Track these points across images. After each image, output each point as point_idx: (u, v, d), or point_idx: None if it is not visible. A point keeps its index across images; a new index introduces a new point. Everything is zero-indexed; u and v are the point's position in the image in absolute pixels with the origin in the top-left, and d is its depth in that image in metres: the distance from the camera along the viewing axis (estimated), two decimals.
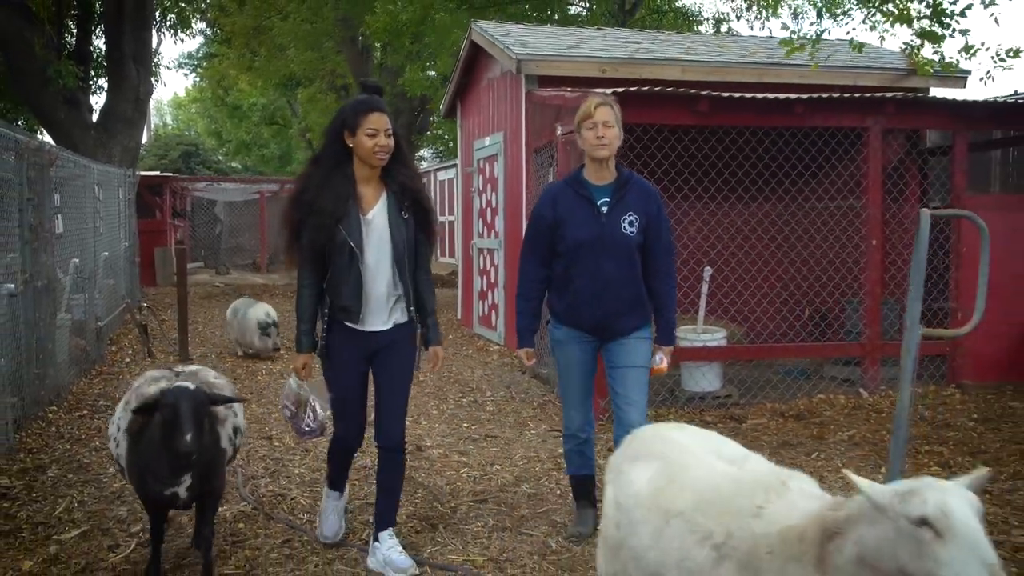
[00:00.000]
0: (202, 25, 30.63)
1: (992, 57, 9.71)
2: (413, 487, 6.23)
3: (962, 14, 9.05)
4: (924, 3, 9.24)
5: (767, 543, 2.77)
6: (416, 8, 19.39)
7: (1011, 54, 9.58)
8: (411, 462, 6.59)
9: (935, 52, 9.81)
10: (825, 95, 8.59)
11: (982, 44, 9.54)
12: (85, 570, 4.84)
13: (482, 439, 7.65)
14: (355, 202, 4.79)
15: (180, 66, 42.09)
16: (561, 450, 6.07)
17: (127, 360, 11.30)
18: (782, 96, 8.47)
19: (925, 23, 9.47)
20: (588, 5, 23.57)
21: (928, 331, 4.60)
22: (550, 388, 9.27)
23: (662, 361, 5.28)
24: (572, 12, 24.21)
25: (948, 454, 6.98)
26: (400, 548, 4.95)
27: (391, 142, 4.77)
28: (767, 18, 24.56)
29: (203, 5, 27.65)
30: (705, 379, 8.82)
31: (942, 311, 9.26)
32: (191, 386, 4.27)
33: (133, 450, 4.44)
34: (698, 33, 17.21)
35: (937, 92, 11.91)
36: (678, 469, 3.28)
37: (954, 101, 9.11)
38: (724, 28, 25.14)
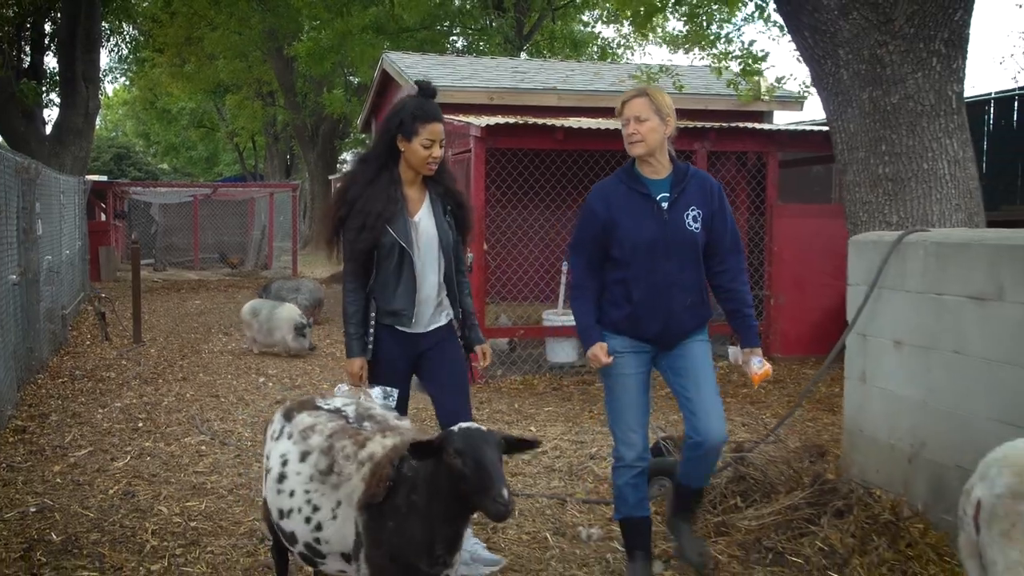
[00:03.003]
0: (135, 32, 31.86)
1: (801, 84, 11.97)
2: None
3: (764, 58, 11.32)
4: (742, 48, 11.57)
5: None
6: (335, 34, 21.32)
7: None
8: None
9: (749, 88, 12.02)
10: None
11: (791, 75, 11.84)
12: (99, 471, 6.79)
13: None
14: (403, 204, 4.69)
15: (110, 70, 43.26)
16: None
17: (87, 342, 13.08)
18: (607, 128, 10.53)
19: (742, 63, 11.73)
20: (490, 29, 25.62)
21: None
22: None
23: (763, 365, 4.71)
24: (471, 40, 26.40)
25: (736, 403, 9.13)
26: (483, 544, 5.08)
27: (443, 152, 4.69)
28: (642, 46, 26.54)
29: (137, 19, 28.95)
30: (564, 352, 10.90)
31: (757, 298, 11.50)
32: (484, 427, 3.35)
33: (380, 521, 3.43)
34: (586, 60, 19.25)
35: (779, 116, 14.16)
36: None
37: (761, 128, 11.34)
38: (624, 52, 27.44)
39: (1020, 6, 52.11)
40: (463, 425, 3.33)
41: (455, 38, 27.41)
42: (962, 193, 7.16)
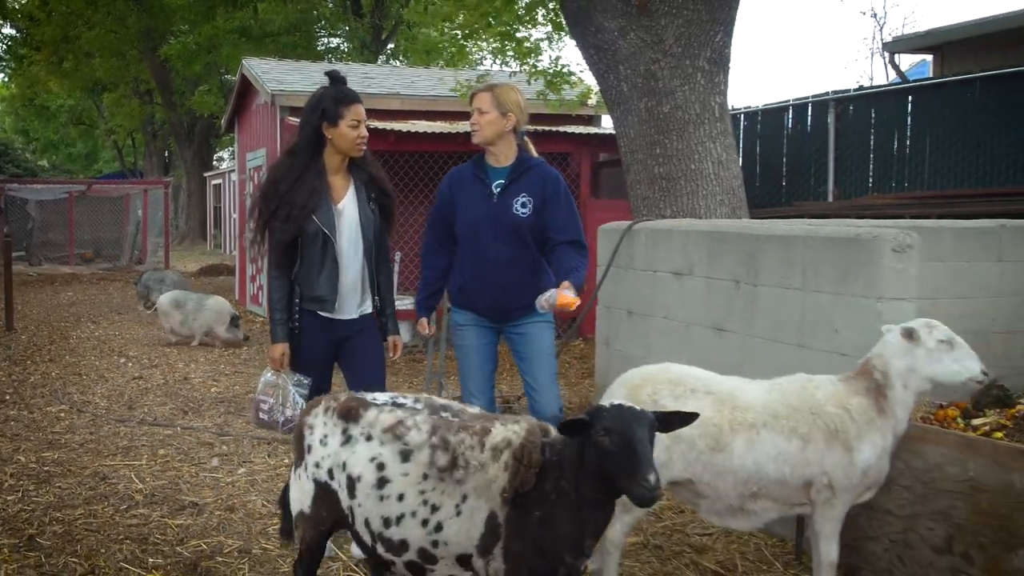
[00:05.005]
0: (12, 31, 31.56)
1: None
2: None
3: (571, 74, 12.37)
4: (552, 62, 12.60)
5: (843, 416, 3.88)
6: (204, 37, 21.75)
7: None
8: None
9: (557, 100, 12.92)
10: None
11: (595, 90, 12.77)
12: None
13: None
14: (327, 192, 4.68)
15: None
16: None
17: None
18: (447, 131, 11.37)
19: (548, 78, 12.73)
20: (349, 36, 26.25)
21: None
22: None
23: (567, 295, 4.70)
24: (333, 44, 27.06)
25: None
26: None
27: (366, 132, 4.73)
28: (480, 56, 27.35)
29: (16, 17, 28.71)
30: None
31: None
32: (637, 406, 3.08)
33: (526, 511, 3.20)
34: (434, 67, 19.99)
35: (607, 119, 15.14)
36: (729, 396, 4.04)
37: (574, 132, 12.29)
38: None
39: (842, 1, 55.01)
40: (615, 402, 3.10)
41: (325, 41, 28.07)
42: (725, 190, 8.14)
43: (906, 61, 20.31)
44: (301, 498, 3.72)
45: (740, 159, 13.01)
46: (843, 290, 4.58)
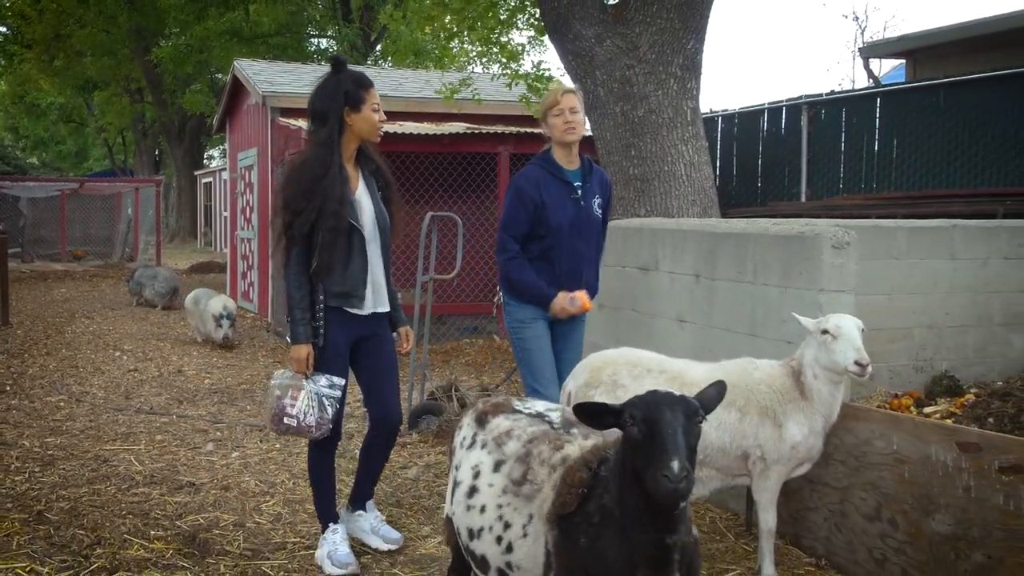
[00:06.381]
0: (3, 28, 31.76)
1: None
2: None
3: (551, 78, 12.79)
4: (534, 67, 13.01)
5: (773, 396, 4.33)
6: (196, 38, 22.10)
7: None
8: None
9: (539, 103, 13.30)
10: (461, 132, 11.95)
11: None
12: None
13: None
14: (349, 183, 4.57)
15: None
16: None
17: None
18: (434, 132, 11.73)
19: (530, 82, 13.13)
20: (339, 38, 26.58)
21: (435, 276, 7.93)
22: (282, 339, 12.43)
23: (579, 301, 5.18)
24: (323, 46, 27.46)
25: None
26: (383, 517, 5.15)
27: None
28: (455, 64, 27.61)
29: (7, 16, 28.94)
30: None
31: None
32: (675, 391, 2.68)
33: (571, 536, 2.80)
34: (421, 69, 20.28)
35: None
36: (679, 374, 4.48)
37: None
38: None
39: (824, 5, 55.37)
40: (652, 389, 2.73)
41: (315, 42, 28.48)
42: (697, 191, 8.57)
43: (888, 65, 20.81)
44: (448, 501, 3.52)
45: (718, 160, 13.47)
46: (789, 283, 5.01)
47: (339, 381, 4.58)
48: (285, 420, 4.55)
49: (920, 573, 4.15)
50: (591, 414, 2.74)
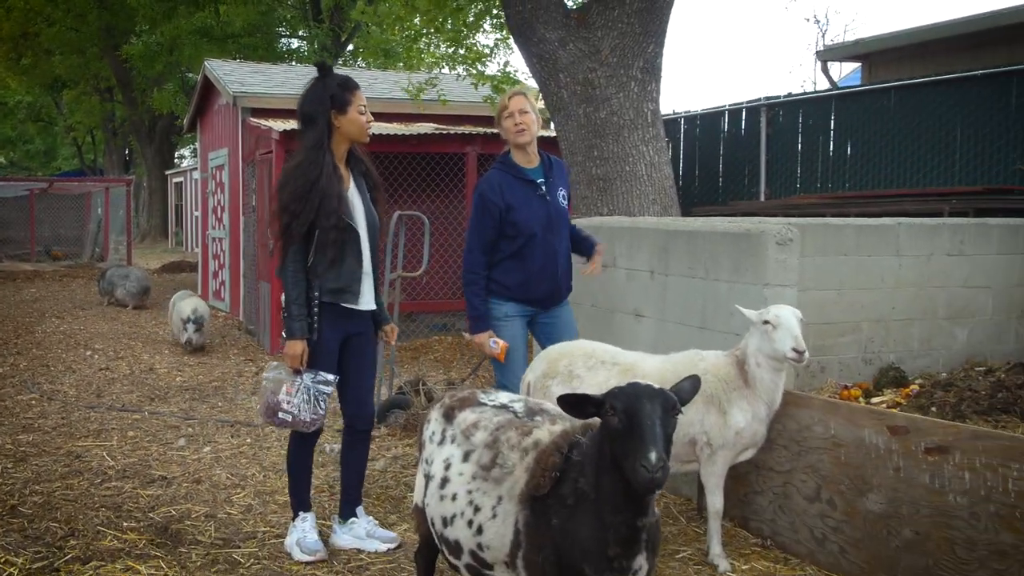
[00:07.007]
0: None
1: None
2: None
3: (517, 81, 13.03)
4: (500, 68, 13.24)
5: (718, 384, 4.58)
6: (166, 37, 22.12)
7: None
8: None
9: None
10: (429, 132, 12.11)
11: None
12: None
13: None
14: (343, 183, 4.71)
15: None
16: None
17: None
18: (400, 133, 11.86)
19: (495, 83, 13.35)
20: (309, 38, 26.70)
21: (403, 274, 8.11)
22: (253, 337, 12.61)
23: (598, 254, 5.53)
24: (294, 46, 27.52)
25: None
26: (376, 521, 5.18)
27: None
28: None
29: None
30: None
31: None
32: (656, 385, 2.91)
33: (543, 518, 3.01)
34: (390, 70, 20.40)
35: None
36: (631, 366, 4.75)
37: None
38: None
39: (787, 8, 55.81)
40: (634, 381, 2.92)
41: (285, 42, 28.56)
42: (658, 190, 8.81)
43: (848, 67, 21.16)
44: (417, 491, 3.74)
45: (681, 160, 13.72)
46: (736, 278, 5.26)
47: (331, 377, 4.73)
48: (280, 415, 4.68)
49: (856, 550, 4.40)
50: (573, 404, 2.91)
